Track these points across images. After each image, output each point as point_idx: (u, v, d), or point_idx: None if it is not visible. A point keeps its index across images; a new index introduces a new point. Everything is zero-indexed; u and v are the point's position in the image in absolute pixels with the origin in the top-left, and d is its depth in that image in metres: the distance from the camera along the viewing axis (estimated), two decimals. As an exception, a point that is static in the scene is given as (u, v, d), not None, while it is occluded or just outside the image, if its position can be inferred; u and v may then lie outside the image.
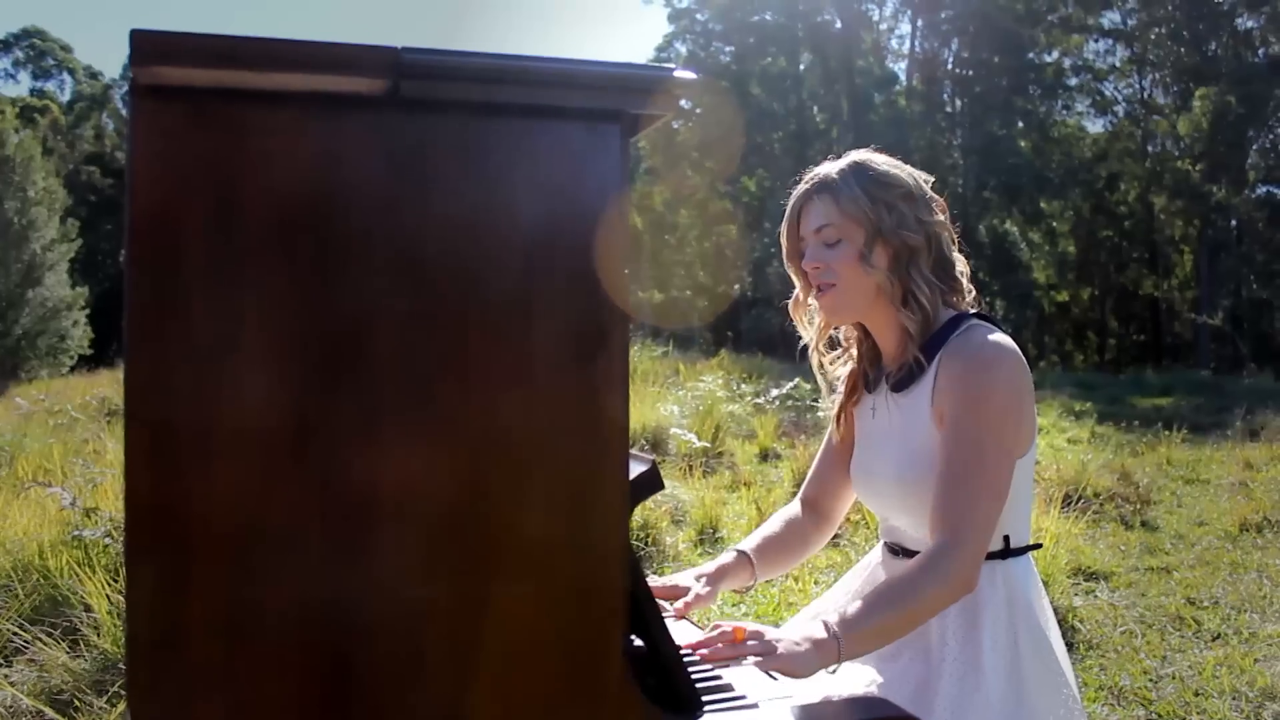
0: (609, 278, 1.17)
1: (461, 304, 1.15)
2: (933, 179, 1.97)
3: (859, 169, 1.90)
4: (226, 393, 1.09)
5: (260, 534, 1.11)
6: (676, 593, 1.99)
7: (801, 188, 1.95)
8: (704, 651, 1.64)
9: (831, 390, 2.13)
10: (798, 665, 1.63)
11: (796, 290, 2.03)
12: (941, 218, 1.92)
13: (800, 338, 2.10)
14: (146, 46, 1.01)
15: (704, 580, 2.01)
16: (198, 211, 1.07)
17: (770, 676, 1.67)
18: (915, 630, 1.89)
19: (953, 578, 1.73)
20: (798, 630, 1.70)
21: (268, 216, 1.09)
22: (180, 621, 1.09)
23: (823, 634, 1.67)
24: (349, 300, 1.11)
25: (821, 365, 2.11)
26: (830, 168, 1.93)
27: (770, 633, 1.68)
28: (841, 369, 2.10)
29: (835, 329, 2.08)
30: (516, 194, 1.15)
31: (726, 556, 2.06)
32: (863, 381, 2.06)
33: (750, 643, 1.64)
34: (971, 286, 1.98)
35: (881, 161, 1.92)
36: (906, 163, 1.99)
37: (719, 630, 1.67)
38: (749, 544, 2.08)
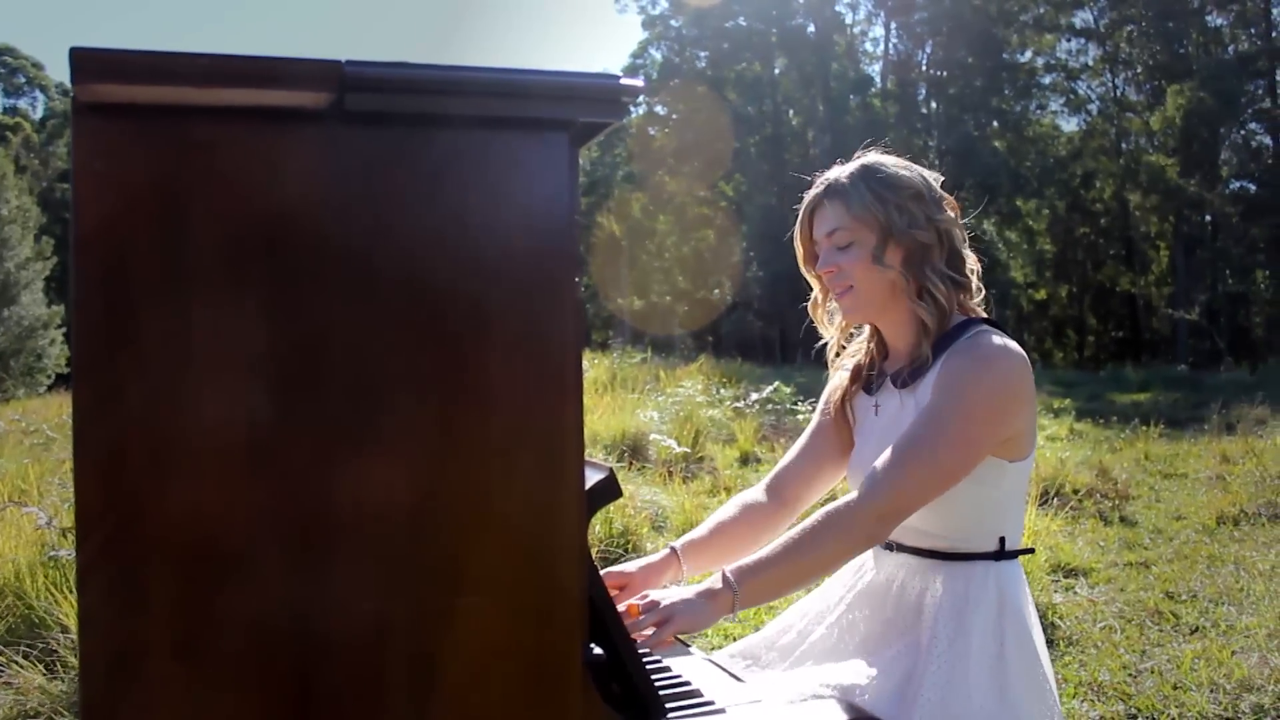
0: (561, 287, 1.17)
1: (413, 317, 1.14)
2: (943, 178, 1.98)
3: (868, 171, 1.91)
4: (177, 411, 1.08)
5: (216, 552, 1.10)
6: (621, 581, 1.98)
7: (812, 192, 1.97)
8: None
9: (838, 376, 2.14)
10: (694, 621, 1.72)
11: (814, 293, 2.06)
12: (952, 215, 1.94)
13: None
14: (87, 64, 1.00)
15: (644, 571, 2.00)
16: (143, 229, 1.06)
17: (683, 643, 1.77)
18: (906, 623, 1.90)
19: (855, 529, 1.77)
20: (695, 585, 1.77)
21: (214, 233, 1.08)
22: (135, 642, 1.08)
23: (718, 584, 1.74)
24: (299, 315, 1.11)
25: (836, 363, 2.13)
26: (840, 171, 1.95)
27: (665, 597, 1.75)
28: (849, 361, 2.11)
29: (856, 327, 2.10)
30: (466, 205, 1.15)
31: (660, 554, 2.05)
32: (864, 379, 2.07)
33: (645, 615, 1.72)
34: (980, 285, 1.99)
35: (891, 163, 1.94)
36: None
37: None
38: (682, 540, 2.08)
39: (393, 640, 1.16)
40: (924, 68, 43.83)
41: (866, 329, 2.08)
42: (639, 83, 1.17)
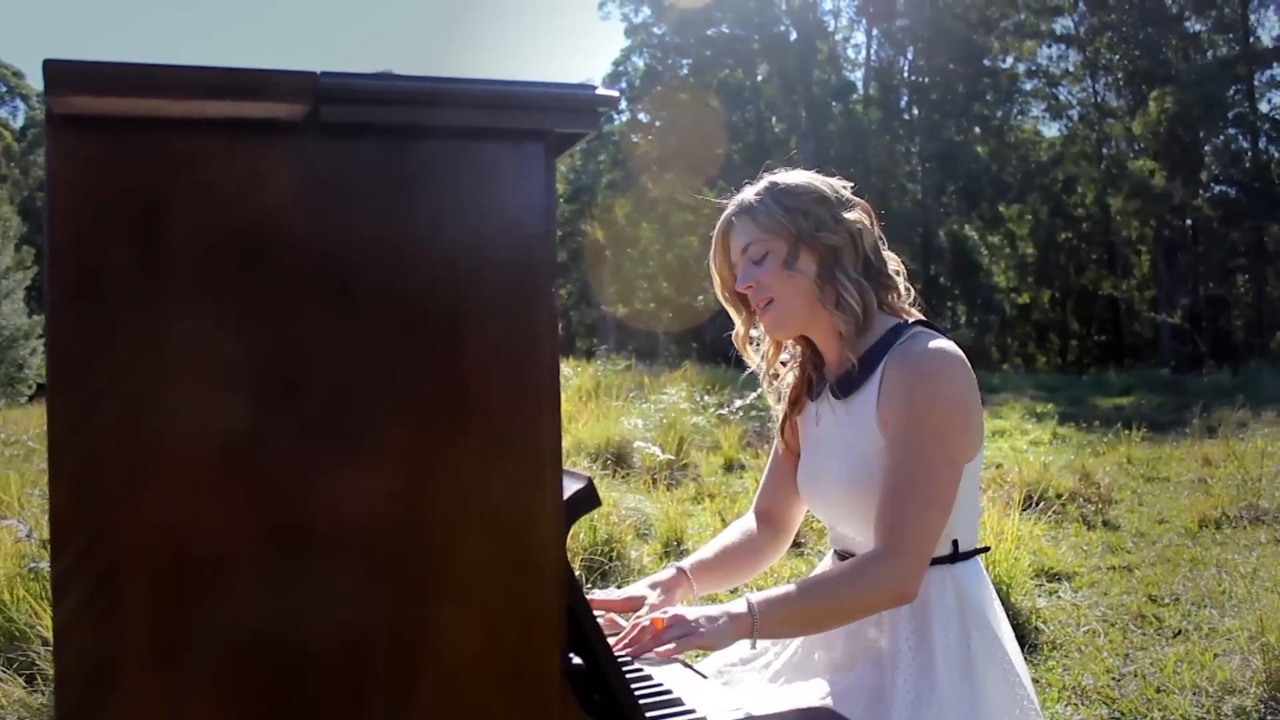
0: (538, 296, 1.17)
1: (391, 327, 1.14)
2: (851, 184, 2.00)
3: (771, 186, 1.95)
4: (153, 421, 1.08)
5: (193, 562, 1.10)
6: (636, 605, 2.00)
7: (723, 216, 2.00)
8: (630, 648, 1.71)
9: (779, 400, 2.15)
10: (714, 640, 1.72)
11: (737, 324, 2.07)
12: (861, 217, 1.94)
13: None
14: (61, 76, 1.00)
15: (658, 590, 2.02)
16: (117, 240, 1.06)
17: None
18: (868, 638, 1.90)
19: (885, 586, 1.76)
20: (719, 605, 1.76)
21: (190, 244, 1.08)
22: (111, 653, 1.08)
23: (742, 609, 1.74)
24: (274, 326, 1.11)
25: (773, 387, 2.14)
26: (747, 192, 1.98)
27: (689, 614, 1.74)
28: (786, 379, 2.12)
29: (785, 348, 2.10)
30: (443, 216, 1.15)
31: (667, 572, 2.07)
32: (805, 389, 2.07)
33: (671, 630, 1.71)
34: (909, 285, 2.00)
35: (794, 175, 1.97)
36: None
37: (639, 627, 1.73)
38: (689, 561, 2.10)
39: (371, 649, 1.15)
40: (906, 74, 43.99)
41: (795, 352, 2.09)
42: (615, 93, 1.17)
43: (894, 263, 1.99)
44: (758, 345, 2.08)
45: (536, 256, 1.17)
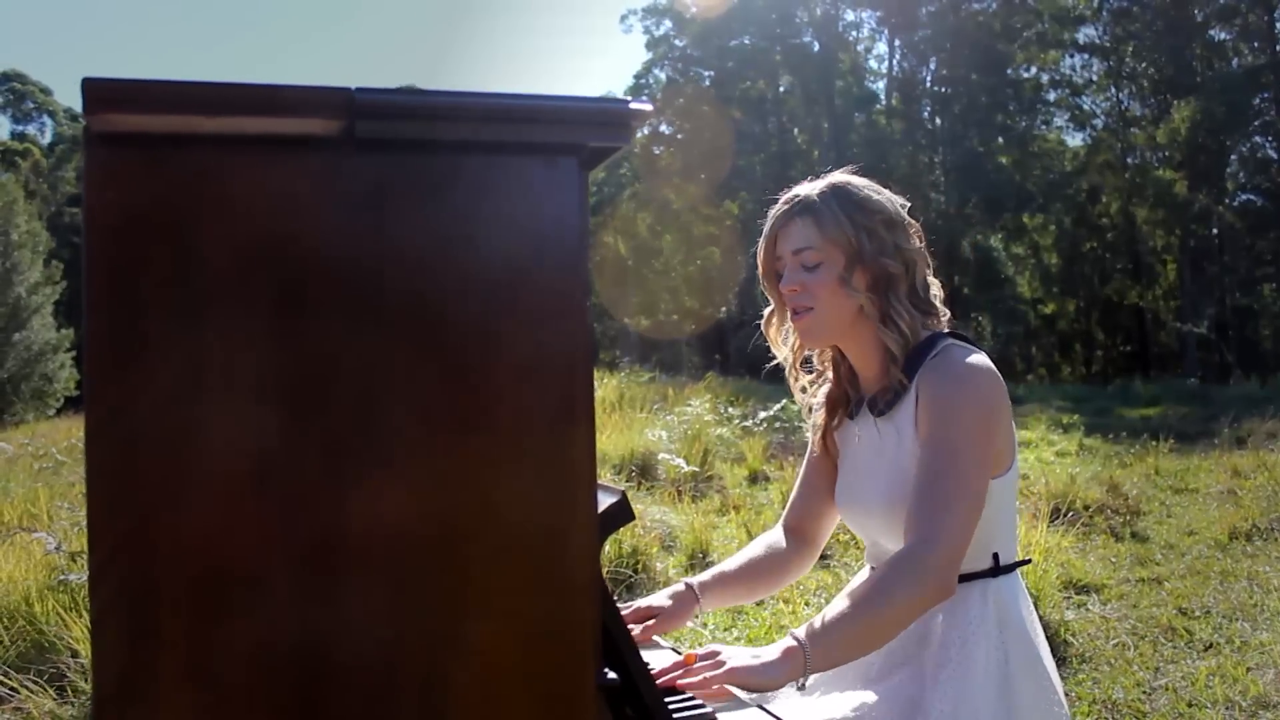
0: (571, 311, 1.17)
1: (424, 343, 1.14)
2: (909, 204, 1.96)
3: (840, 191, 1.89)
4: (189, 438, 1.08)
5: (228, 580, 1.10)
6: (650, 613, 1.99)
7: (780, 208, 1.94)
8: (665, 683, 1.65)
9: (810, 412, 2.13)
10: (757, 678, 1.64)
11: (770, 307, 2.03)
12: (918, 244, 1.92)
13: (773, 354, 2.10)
14: (99, 94, 1.01)
15: (674, 601, 2.01)
16: (155, 257, 1.07)
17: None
18: (908, 652, 1.88)
19: (927, 581, 1.72)
20: (769, 646, 1.70)
21: (226, 260, 1.08)
22: (147, 671, 1.08)
23: (789, 645, 1.67)
24: (311, 342, 1.11)
25: (801, 384, 2.11)
26: (810, 188, 1.91)
27: (726, 651, 1.68)
28: (819, 392, 2.10)
29: (809, 351, 2.08)
30: (476, 231, 1.15)
31: (678, 586, 2.05)
32: (842, 405, 2.06)
33: (701, 663, 1.65)
34: (945, 309, 1.98)
35: (862, 185, 1.91)
36: (888, 181, 1.99)
37: (672, 660, 1.69)
38: (710, 573, 2.08)
39: (404, 665, 1.15)
40: (928, 84, 43.92)
41: (826, 354, 2.07)
42: (648, 106, 1.17)
43: (935, 286, 1.97)
44: (787, 337, 2.04)
45: (569, 270, 1.17)
